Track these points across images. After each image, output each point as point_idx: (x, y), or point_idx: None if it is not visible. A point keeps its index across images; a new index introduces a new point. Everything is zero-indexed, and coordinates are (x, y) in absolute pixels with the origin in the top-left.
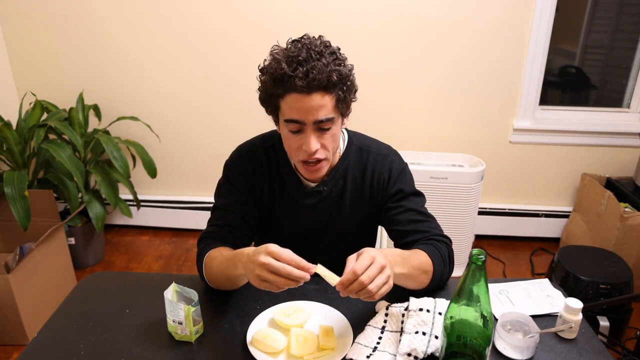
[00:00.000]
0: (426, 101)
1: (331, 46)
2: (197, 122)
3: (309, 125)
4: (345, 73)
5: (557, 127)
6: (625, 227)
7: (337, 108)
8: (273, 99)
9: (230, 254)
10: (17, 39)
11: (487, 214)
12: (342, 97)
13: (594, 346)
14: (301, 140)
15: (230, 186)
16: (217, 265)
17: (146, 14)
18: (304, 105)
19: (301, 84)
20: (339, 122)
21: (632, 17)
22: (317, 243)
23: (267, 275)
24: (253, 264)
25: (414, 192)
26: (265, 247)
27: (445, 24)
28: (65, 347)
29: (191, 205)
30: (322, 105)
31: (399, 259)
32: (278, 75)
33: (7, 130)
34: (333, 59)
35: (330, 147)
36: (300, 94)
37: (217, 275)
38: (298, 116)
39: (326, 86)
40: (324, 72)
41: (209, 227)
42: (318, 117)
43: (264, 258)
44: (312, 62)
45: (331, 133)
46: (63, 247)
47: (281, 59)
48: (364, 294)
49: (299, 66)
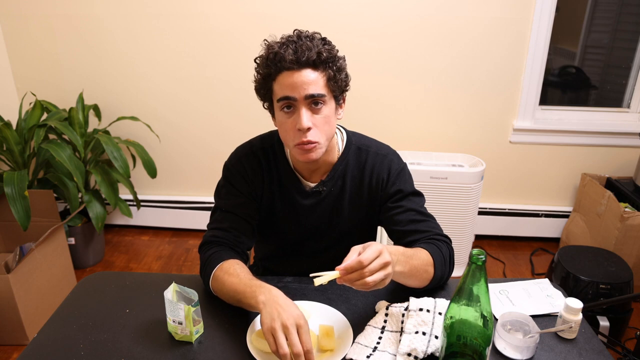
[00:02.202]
0: (426, 101)
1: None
2: (197, 122)
3: (301, 100)
4: (334, 53)
5: (557, 127)
6: (625, 227)
7: (328, 87)
8: (267, 83)
9: (250, 282)
10: (17, 39)
11: (487, 214)
12: (331, 75)
13: (594, 346)
14: (294, 120)
15: (231, 187)
16: (232, 284)
17: (146, 14)
18: (294, 81)
19: (291, 59)
20: (332, 105)
21: (632, 17)
22: (317, 243)
23: (279, 335)
24: (278, 316)
25: (413, 192)
26: (299, 316)
27: (445, 24)
28: (65, 347)
29: (191, 205)
30: (313, 81)
31: (401, 257)
32: (270, 55)
33: (7, 130)
34: (323, 42)
35: (323, 130)
36: (290, 70)
37: (227, 293)
38: (289, 92)
39: (315, 62)
40: (313, 49)
41: (213, 231)
42: (309, 91)
43: (291, 323)
44: (301, 42)
45: (324, 115)
46: (63, 247)
47: (273, 44)
48: (360, 284)
49: (289, 46)
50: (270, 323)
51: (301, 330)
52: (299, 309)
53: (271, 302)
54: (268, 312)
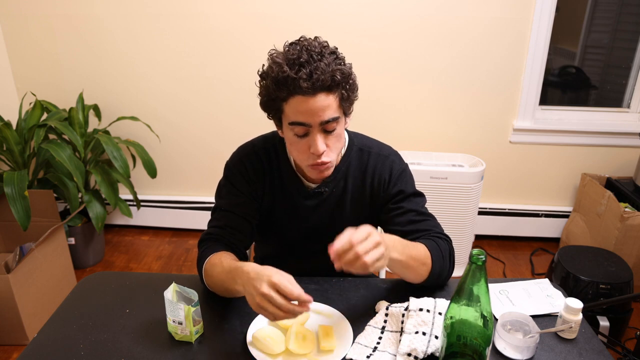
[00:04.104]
0: (426, 101)
1: (329, 46)
2: (197, 122)
3: (315, 126)
4: (347, 72)
5: (557, 127)
6: (625, 227)
7: (341, 107)
8: (276, 103)
9: (230, 267)
10: (17, 39)
11: (487, 214)
12: (345, 95)
13: (594, 346)
14: (307, 143)
15: (231, 187)
16: (217, 274)
17: (146, 14)
18: (309, 107)
19: (306, 86)
20: (343, 121)
21: (632, 17)
22: (318, 244)
23: (267, 305)
24: (254, 290)
25: (414, 193)
26: (268, 276)
27: (445, 24)
28: (65, 347)
29: (191, 205)
30: (327, 106)
31: (397, 244)
32: (281, 78)
33: (7, 130)
34: (333, 58)
35: (335, 148)
36: (304, 95)
37: (216, 285)
38: (304, 118)
39: (330, 86)
40: (327, 72)
41: (210, 229)
42: (324, 117)
43: (266, 289)
44: (314, 63)
45: (336, 134)
46: (63, 247)
47: (282, 62)
48: (359, 266)
49: (301, 68)
50: (252, 302)
51: (279, 286)
52: (269, 268)
53: (245, 281)
54: (248, 292)
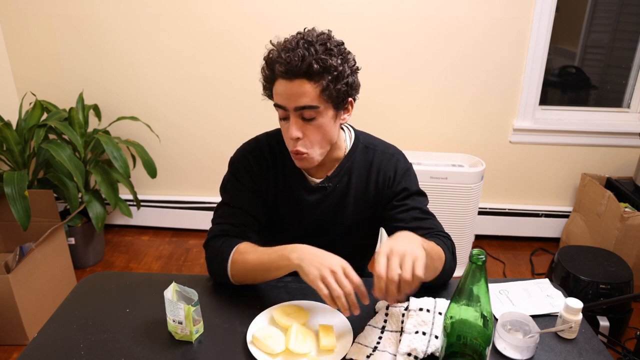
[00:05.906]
0: (426, 101)
1: (331, 39)
2: (197, 123)
3: (291, 111)
4: (332, 64)
5: (557, 127)
6: (625, 227)
7: (322, 98)
8: (268, 85)
9: (273, 250)
10: (17, 39)
11: (487, 214)
12: (327, 86)
13: (594, 346)
14: (287, 127)
15: (236, 182)
16: (255, 260)
17: (146, 14)
18: (285, 91)
19: (281, 69)
20: (328, 114)
21: (632, 17)
22: (320, 239)
23: (330, 280)
24: (323, 264)
25: (418, 192)
26: (339, 258)
27: (445, 24)
28: (65, 347)
29: (191, 205)
30: (303, 92)
31: (419, 238)
32: (267, 60)
33: (7, 130)
34: (323, 49)
35: (315, 140)
36: (283, 79)
37: (253, 271)
38: (281, 101)
39: (307, 73)
40: (306, 60)
41: (222, 226)
42: (299, 103)
43: (337, 267)
44: (297, 50)
45: (316, 124)
46: (63, 247)
47: (275, 46)
48: (405, 285)
49: (284, 53)
50: (316, 272)
51: (347, 270)
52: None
53: (306, 254)
54: (310, 262)
